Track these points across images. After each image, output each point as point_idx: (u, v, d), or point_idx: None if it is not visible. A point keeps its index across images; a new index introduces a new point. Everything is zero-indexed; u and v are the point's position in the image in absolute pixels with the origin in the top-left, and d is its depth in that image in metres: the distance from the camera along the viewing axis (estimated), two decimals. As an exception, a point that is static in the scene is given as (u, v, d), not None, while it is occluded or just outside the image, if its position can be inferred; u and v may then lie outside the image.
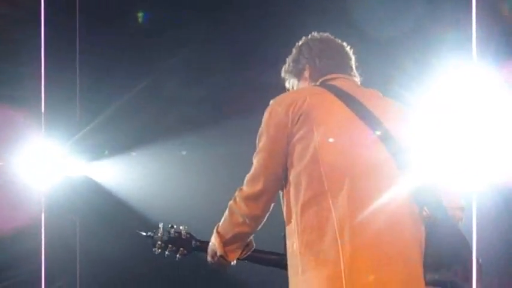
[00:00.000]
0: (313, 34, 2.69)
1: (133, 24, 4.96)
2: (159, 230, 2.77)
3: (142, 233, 2.81)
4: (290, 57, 2.70)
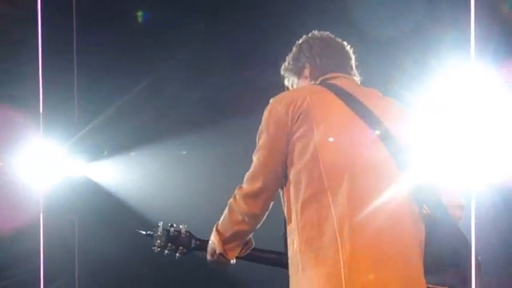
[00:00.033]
0: (313, 33, 2.69)
1: (132, 24, 4.95)
2: (159, 228, 2.76)
3: (141, 232, 2.80)
4: (290, 55, 2.69)
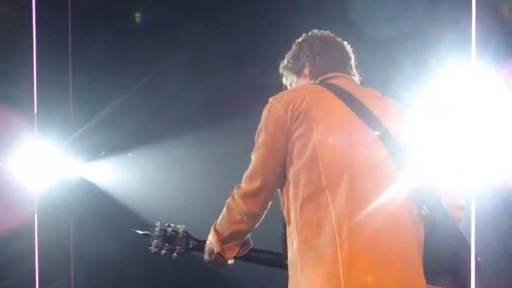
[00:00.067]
0: (313, 31, 2.68)
1: (129, 23, 4.94)
2: (156, 228, 2.75)
3: (138, 231, 2.79)
4: (289, 53, 2.69)
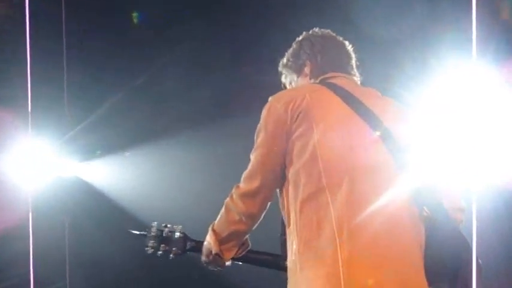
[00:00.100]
0: (314, 30, 2.67)
1: (126, 21, 4.93)
2: (152, 229, 2.72)
3: (134, 232, 2.77)
4: (289, 52, 2.67)
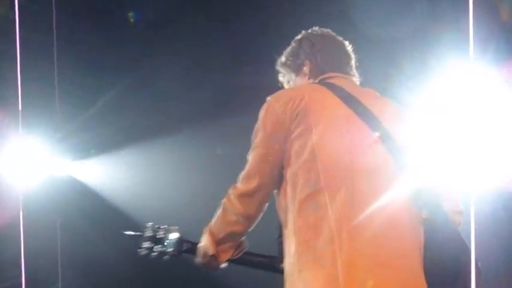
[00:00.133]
0: (314, 29, 2.66)
1: (120, 17, 4.92)
2: (147, 229, 2.69)
3: (128, 232, 2.74)
4: (288, 50, 2.66)
